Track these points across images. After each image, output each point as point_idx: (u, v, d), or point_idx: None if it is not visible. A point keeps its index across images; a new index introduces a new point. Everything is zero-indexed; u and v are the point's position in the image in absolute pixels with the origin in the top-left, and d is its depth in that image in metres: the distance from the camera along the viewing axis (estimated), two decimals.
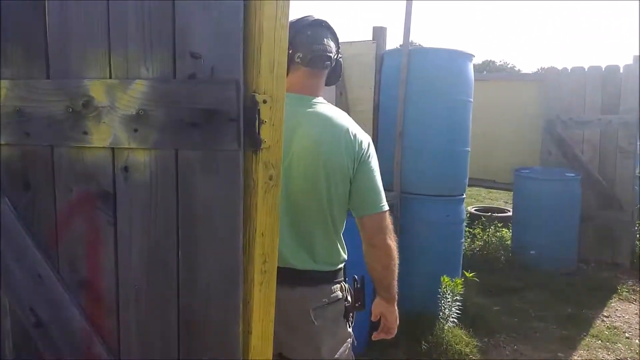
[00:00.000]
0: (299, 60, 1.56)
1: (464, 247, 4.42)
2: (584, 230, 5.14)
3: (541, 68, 42.11)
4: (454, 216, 3.68)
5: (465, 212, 3.98)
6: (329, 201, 1.57)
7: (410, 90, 3.62)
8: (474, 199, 8.51)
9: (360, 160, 1.58)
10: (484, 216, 5.70)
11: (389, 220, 1.61)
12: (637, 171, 5.35)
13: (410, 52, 3.64)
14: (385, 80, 3.83)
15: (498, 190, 7.19)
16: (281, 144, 1.13)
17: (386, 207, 1.60)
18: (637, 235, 5.37)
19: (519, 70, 42.42)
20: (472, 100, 3.80)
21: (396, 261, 1.62)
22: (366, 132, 1.67)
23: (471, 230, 5.40)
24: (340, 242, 1.66)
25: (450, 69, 3.66)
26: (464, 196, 3.85)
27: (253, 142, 1.06)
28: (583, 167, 5.29)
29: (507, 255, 5.15)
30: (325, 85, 1.68)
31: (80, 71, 1.12)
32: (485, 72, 40.93)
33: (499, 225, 5.54)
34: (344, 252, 1.67)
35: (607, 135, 5.26)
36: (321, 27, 1.59)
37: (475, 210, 6.42)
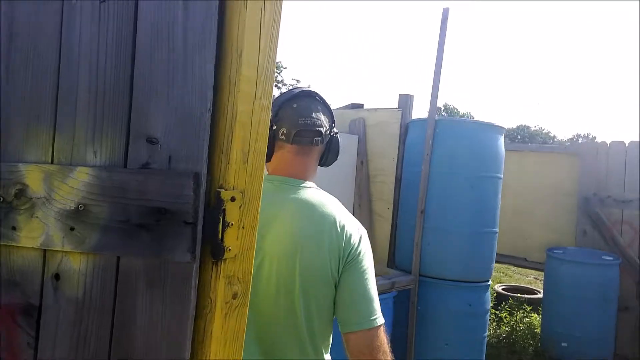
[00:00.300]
0: (283, 137, 1.34)
1: (488, 333, 4.03)
2: (621, 321, 4.69)
3: (577, 135, 41.82)
4: (477, 306, 3.35)
5: (490, 302, 3.63)
6: (307, 316, 1.27)
7: (435, 165, 3.39)
8: (503, 273, 8.05)
9: (348, 259, 1.28)
10: (512, 297, 5.29)
11: (383, 337, 1.25)
12: None
13: (436, 123, 3.44)
14: (409, 151, 3.62)
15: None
16: (253, 252, 0.91)
17: (380, 321, 1.25)
18: None
19: (554, 136, 42.23)
20: (502, 176, 3.54)
21: None
22: (387, 206, 1.40)
23: (497, 312, 5.00)
24: None
25: (479, 142, 3.44)
26: (490, 282, 3.52)
27: (214, 251, 0.84)
28: (621, 250, 4.88)
29: (535, 345, 4.70)
30: (321, 165, 1.46)
31: (19, 153, 0.94)
32: (519, 138, 40.80)
33: (529, 308, 5.12)
34: None
35: None
36: (310, 99, 1.39)
37: (503, 289, 6.00)
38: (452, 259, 3.33)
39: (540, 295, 5.62)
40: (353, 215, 1.43)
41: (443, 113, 43.08)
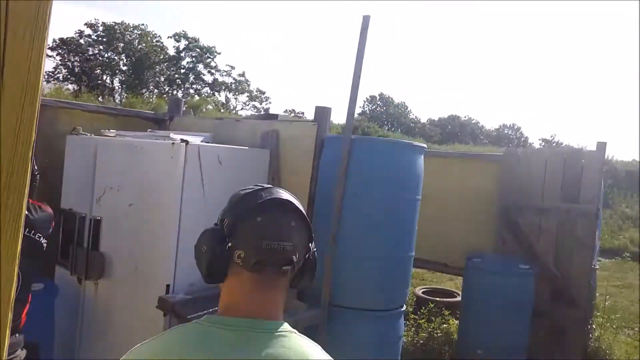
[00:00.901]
0: (239, 260, 1.00)
1: (404, 341, 3.95)
2: (535, 326, 4.75)
3: (502, 125, 43.18)
4: (390, 334, 3.20)
5: (403, 328, 3.50)
6: None
7: (350, 186, 3.16)
8: (421, 279, 8.07)
9: None
10: (432, 301, 5.26)
11: None
12: (595, 265, 5.04)
13: (353, 141, 3.20)
14: (324, 170, 3.35)
15: None
16: None
17: None
18: (590, 335, 5.01)
19: (482, 126, 43.53)
20: (419, 197, 3.37)
21: None
22: None
23: (416, 318, 4.96)
24: None
25: (398, 163, 3.24)
26: (404, 308, 3.38)
27: None
28: (538, 257, 4.92)
29: (452, 352, 4.69)
30: (291, 287, 1.11)
31: None
32: (449, 127, 41.58)
33: (447, 313, 5.10)
34: None
35: (565, 225, 4.91)
36: (281, 211, 1.04)
37: (423, 292, 5.98)
38: (366, 286, 3.15)
39: (459, 299, 5.63)
40: None
41: (378, 102, 43.12)
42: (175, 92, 32.96)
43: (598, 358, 4.97)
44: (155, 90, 31.75)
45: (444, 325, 4.98)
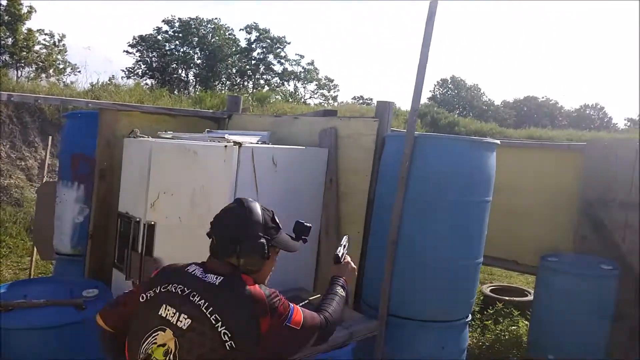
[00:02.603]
0: None
1: (469, 342, 3.74)
2: (615, 329, 4.37)
3: (584, 105, 40.36)
4: (452, 347, 3.00)
5: (467, 339, 3.28)
6: None
7: (412, 187, 2.94)
8: (489, 273, 7.51)
9: None
10: (500, 300, 4.96)
11: None
12: None
13: (416, 139, 2.96)
14: (385, 168, 3.15)
15: None
16: None
17: None
18: None
19: (561, 107, 40.94)
20: (490, 199, 3.11)
21: None
22: (357, 229, 1.06)
23: (482, 318, 4.70)
24: None
25: (467, 162, 2.97)
26: (469, 319, 3.16)
27: None
28: (623, 257, 4.49)
29: (521, 355, 4.41)
30: None
31: None
32: (525, 109, 39.47)
33: (516, 314, 4.79)
34: None
35: None
36: None
37: (491, 291, 5.66)
38: (429, 296, 2.95)
39: (531, 297, 5.29)
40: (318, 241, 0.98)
41: (450, 85, 41.44)
42: (246, 83, 33.42)
43: None
44: (228, 82, 32.28)
45: (513, 327, 4.67)
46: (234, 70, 34.24)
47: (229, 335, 1.47)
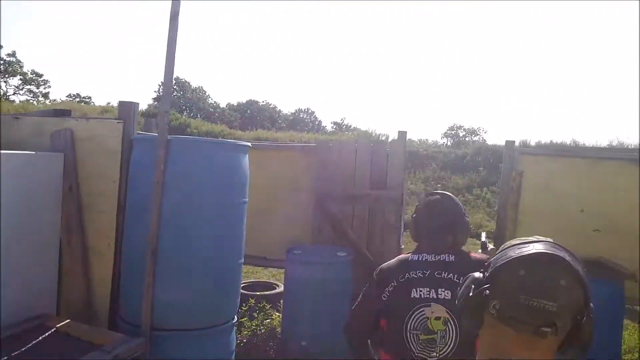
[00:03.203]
0: (494, 311, 0.97)
1: None
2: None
3: (298, 110, 44.90)
4: (222, 352, 2.93)
5: (235, 341, 3.26)
6: None
7: (168, 192, 2.76)
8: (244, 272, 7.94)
9: None
10: (252, 297, 5.10)
11: None
12: (401, 244, 5.40)
13: (169, 142, 2.79)
14: (135, 174, 2.89)
15: None
16: None
17: None
18: None
19: (280, 110, 44.67)
20: (246, 200, 3.14)
21: None
22: (107, 241, 0.90)
23: (237, 316, 4.75)
24: None
25: (223, 165, 2.93)
26: (235, 320, 3.14)
27: None
28: (352, 243, 5.09)
29: (277, 346, 4.60)
30: (559, 357, 0.99)
31: None
32: (248, 112, 41.25)
33: (268, 307, 4.99)
34: None
35: (375, 210, 5.16)
36: (551, 266, 0.96)
37: (243, 288, 5.78)
38: (194, 303, 2.81)
39: (280, 290, 5.58)
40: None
41: (175, 87, 41.25)
42: None
43: None
44: None
45: (267, 320, 4.86)
46: None
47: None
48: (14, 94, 31.41)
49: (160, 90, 40.76)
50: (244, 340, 4.63)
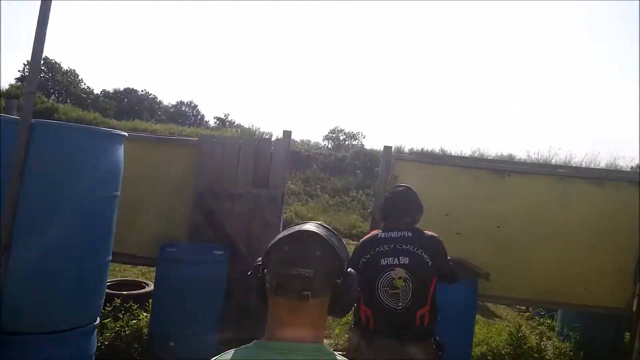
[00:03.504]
0: (268, 285, 1.14)
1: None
2: (227, 306, 4.85)
3: (180, 102, 43.17)
4: (83, 354, 2.74)
5: (96, 344, 3.06)
6: None
7: (29, 182, 2.52)
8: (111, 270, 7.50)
9: None
10: (118, 296, 4.82)
11: None
12: None
13: (33, 127, 2.55)
14: None
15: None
16: None
17: None
18: None
19: (160, 102, 42.62)
20: (118, 194, 2.96)
21: None
22: None
23: (100, 316, 4.47)
24: None
25: (92, 154, 2.74)
26: (98, 321, 2.95)
27: None
28: (231, 241, 5.02)
29: (142, 348, 4.40)
30: (334, 316, 1.22)
31: None
32: (125, 100, 38.81)
33: (135, 307, 4.74)
34: None
35: (255, 209, 5.14)
36: (307, 240, 1.16)
37: (109, 287, 5.45)
38: (52, 304, 2.60)
39: (150, 289, 5.33)
40: None
41: (43, 67, 37.72)
42: None
43: None
44: None
45: (133, 321, 4.61)
46: None
47: (430, 258, 2.67)
48: None
49: (26, 70, 37.10)
50: (106, 343, 4.37)
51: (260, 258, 1.20)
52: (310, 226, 1.20)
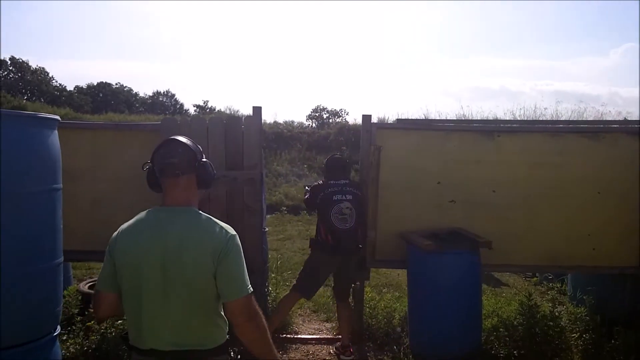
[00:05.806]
0: (157, 173, 1.83)
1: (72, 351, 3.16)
2: None
3: (157, 92, 42.18)
4: None
5: (59, 355, 2.70)
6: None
7: None
8: (87, 268, 7.30)
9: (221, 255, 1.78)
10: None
11: (254, 302, 1.82)
12: (264, 227, 5.10)
13: None
14: None
15: None
16: None
17: (251, 290, 1.82)
18: (267, 297, 5.08)
19: (136, 94, 41.67)
20: (60, 186, 2.58)
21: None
22: None
23: (84, 319, 4.15)
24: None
25: (22, 143, 2.34)
26: (58, 331, 2.60)
27: None
28: None
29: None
30: (204, 188, 1.92)
31: None
32: (101, 95, 38.02)
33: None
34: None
35: (233, 193, 4.76)
36: (175, 143, 1.86)
37: (89, 287, 5.08)
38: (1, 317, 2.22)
39: None
40: None
41: (10, 68, 36.53)
42: None
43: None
44: None
45: (119, 321, 4.25)
46: None
47: (361, 194, 4.34)
48: None
49: None
50: (93, 347, 4.03)
51: (150, 159, 1.86)
52: (177, 137, 1.88)
